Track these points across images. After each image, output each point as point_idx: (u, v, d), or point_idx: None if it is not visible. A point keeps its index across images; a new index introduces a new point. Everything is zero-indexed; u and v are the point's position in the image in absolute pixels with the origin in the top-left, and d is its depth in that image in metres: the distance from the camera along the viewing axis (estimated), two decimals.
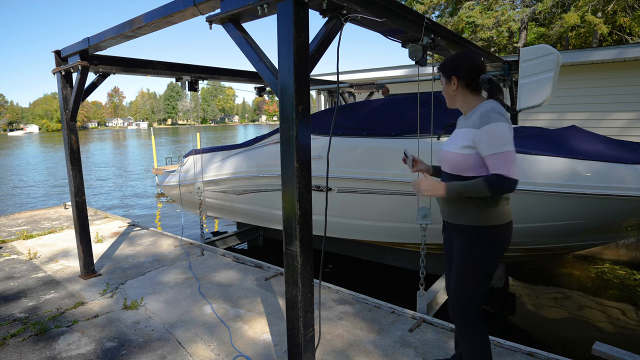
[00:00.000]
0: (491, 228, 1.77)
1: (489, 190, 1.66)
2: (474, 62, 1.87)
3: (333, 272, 5.24)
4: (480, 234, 1.78)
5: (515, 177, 1.65)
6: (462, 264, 1.84)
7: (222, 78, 4.83)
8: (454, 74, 1.88)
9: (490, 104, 1.80)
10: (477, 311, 1.85)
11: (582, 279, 4.94)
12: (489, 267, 1.81)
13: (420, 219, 3.05)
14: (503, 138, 1.68)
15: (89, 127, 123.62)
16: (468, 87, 1.87)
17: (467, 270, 1.82)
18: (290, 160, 1.94)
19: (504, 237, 1.80)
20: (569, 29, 13.98)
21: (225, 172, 5.13)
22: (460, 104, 1.92)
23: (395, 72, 8.54)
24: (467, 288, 1.84)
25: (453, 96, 1.92)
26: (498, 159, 1.66)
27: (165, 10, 2.45)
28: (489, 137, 1.70)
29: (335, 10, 2.05)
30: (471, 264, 1.81)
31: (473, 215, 1.78)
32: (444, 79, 1.94)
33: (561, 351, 3.03)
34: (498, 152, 1.67)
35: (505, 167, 1.65)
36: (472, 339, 1.88)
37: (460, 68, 1.86)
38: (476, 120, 1.78)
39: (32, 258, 4.45)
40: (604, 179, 2.93)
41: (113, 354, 2.57)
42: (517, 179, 1.65)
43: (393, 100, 4.31)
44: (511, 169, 1.65)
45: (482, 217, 1.77)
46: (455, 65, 1.88)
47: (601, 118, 6.72)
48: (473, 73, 1.85)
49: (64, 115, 3.65)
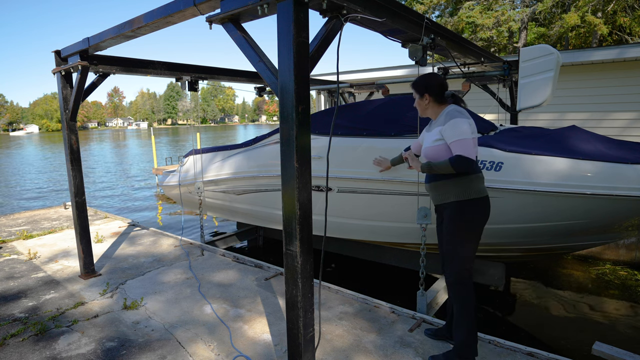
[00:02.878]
0: (469, 201, 2.25)
1: (451, 167, 2.18)
2: (441, 81, 2.38)
3: (333, 272, 5.24)
4: (461, 206, 2.25)
5: (472, 157, 2.17)
6: (452, 231, 2.29)
7: (222, 78, 4.83)
8: (426, 91, 2.37)
9: (452, 107, 2.35)
10: (470, 276, 2.31)
11: (582, 279, 4.94)
12: (471, 233, 2.28)
13: (420, 219, 3.05)
14: (462, 129, 2.19)
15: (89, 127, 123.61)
16: (437, 101, 2.38)
17: (457, 235, 2.28)
18: (290, 160, 1.94)
19: (482, 207, 2.28)
20: (569, 29, 13.98)
21: (225, 172, 5.12)
22: (430, 114, 2.44)
23: (395, 72, 8.54)
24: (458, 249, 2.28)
25: (425, 108, 2.43)
26: (458, 144, 2.18)
27: (165, 10, 2.45)
28: (451, 129, 2.21)
29: (335, 10, 2.05)
30: (458, 231, 2.27)
31: (452, 193, 2.28)
32: (417, 95, 2.41)
33: (561, 351, 3.03)
34: (458, 139, 2.18)
35: (463, 149, 2.16)
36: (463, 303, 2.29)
37: (431, 86, 2.36)
38: (442, 119, 2.30)
39: (32, 258, 4.45)
40: (604, 179, 2.93)
41: (113, 354, 2.57)
42: (472, 158, 2.16)
43: (393, 100, 4.31)
44: (467, 151, 2.16)
45: (460, 193, 2.26)
46: (426, 84, 2.37)
47: (601, 118, 6.73)
48: (440, 89, 2.37)
49: (64, 115, 3.65)
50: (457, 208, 2.26)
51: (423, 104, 2.41)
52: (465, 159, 2.15)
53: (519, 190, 3.16)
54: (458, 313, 2.31)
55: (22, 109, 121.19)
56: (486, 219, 2.31)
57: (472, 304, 2.30)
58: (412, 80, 2.44)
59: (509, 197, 3.21)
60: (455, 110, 2.29)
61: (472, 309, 2.29)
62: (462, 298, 2.30)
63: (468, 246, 2.28)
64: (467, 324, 2.28)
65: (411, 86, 2.43)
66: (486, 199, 2.30)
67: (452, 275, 2.32)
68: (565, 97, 6.89)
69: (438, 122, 2.34)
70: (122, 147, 36.17)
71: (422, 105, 2.43)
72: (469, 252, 2.29)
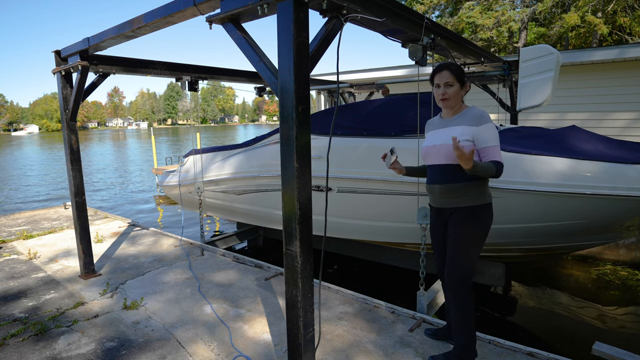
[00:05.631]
0: (484, 205, 2.23)
1: (495, 172, 2.11)
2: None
3: (333, 272, 5.24)
4: (476, 210, 2.22)
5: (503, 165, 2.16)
6: (464, 236, 2.23)
7: (222, 78, 4.82)
8: (466, 82, 2.29)
9: (478, 108, 2.26)
10: (471, 280, 2.28)
11: (582, 279, 4.94)
12: (483, 238, 2.26)
13: (420, 219, 3.05)
14: (497, 135, 2.17)
15: (89, 127, 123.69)
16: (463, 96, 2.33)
17: (469, 239, 2.23)
18: (290, 160, 1.94)
19: (492, 212, 2.28)
20: (569, 29, 13.98)
21: (225, 172, 5.12)
22: (451, 105, 2.28)
23: (395, 72, 8.54)
24: (469, 253, 2.24)
25: (456, 99, 2.27)
26: (496, 150, 2.15)
27: (165, 10, 2.44)
28: (488, 133, 2.15)
29: (335, 10, 2.04)
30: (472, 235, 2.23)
31: (470, 197, 2.22)
32: (458, 83, 2.24)
33: (561, 351, 3.03)
34: (496, 145, 2.15)
35: (500, 156, 2.15)
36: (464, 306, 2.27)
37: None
38: (472, 120, 2.19)
39: (32, 258, 4.45)
40: (604, 179, 2.93)
41: (113, 354, 2.57)
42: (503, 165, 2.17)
43: (393, 100, 4.31)
44: (501, 158, 2.17)
45: (477, 198, 2.22)
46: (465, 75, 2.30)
47: (601, 118, 6.72)
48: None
49: (64, 115, 3.65)
50: (470, 212, 2.21)
51: (461, 93, 2.26)
52: (502, 166, 2.13)
53: (519, 190, 3.16)
54: (458, 315, 2.29)
55: (22, 109, 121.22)
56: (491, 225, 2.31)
57: (471, 306, 2.29)
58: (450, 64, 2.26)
59: (509, 197, 3.21)
60: (486, 114, 2.21)
61: (471, 310, 2.29)
62: (463, 300, 2.28)
63: (477, 250, 2.27)
64: (467, 325, 2.28)
65: (452, 71, 2.22)
66: (491, 205, 2.30)
67: (457, 279, 2.27)
68: (565, 97, 6.89)
69: (461, 121, 2.22)
70: (122, 147, 36.16)
71: (457, 95, 2.24)
72: (476, 256, 2.27)
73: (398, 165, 2.49)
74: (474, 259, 2.26)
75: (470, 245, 2.24)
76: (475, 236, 2.24)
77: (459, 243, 2.24)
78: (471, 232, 2.22)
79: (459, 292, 2.27)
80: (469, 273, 2.25)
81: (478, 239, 2.25)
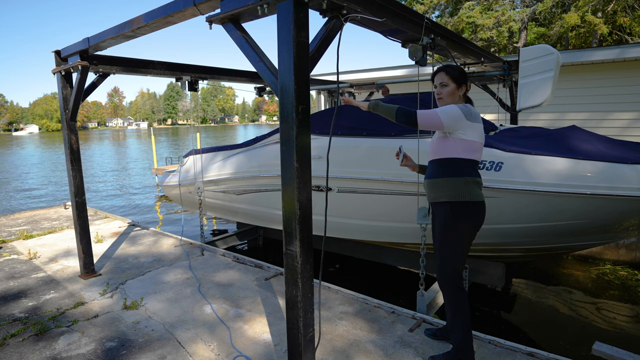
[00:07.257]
0: (461, 203, 2.19)
1: (395, 113, 2.17)
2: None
3: (333, 272, 5.24)
4: (452, 207, 2.20)
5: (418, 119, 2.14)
6: (440, 232, 2.27)
7: (222, 78, 4.83)
8: (464, 82, 2.32)
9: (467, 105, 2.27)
10: (460, 278, 2.28)
11: (582, 279, 4.94)
12: (458, 236, 2.23)
13: (420, 219, 3.05)
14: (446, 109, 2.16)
15: (89, 127, 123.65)
16: (463, 95, 2.35)
17: (444, 236, 2.25)
18: (290, 160, 1.94)
19: (473, 212, 2.21)
20: (569, 29, 13.97)
21: (225, 172, 5.12)
22: (447, 104, 2.31)
23: (395, 72, 8.54)
24: (445, 251, 2.26)
25: (452, 98, 2.32)
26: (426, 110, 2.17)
27: (165, 10, 2.44)
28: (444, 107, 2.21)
29: (335, 10, 2.04)
30: (446, 232, 2.24)
31: (445, 193, 2.22)
32: (454, 83, 2.30)
33: (561, 351, 3.03)
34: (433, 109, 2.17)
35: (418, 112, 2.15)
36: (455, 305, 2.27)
37: (467, 80, 2.34)
38: None
39: (32, 258, 4.45)
40: (604, 179, 2.93)
41: (113, 354, 2.57)
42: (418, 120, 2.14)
43: (393, 101, 4.31)
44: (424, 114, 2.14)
45: (453, 195, 2.20)
46: (465, 76, 2.33)
47: (601, 118, 6.72)
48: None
49: (64, 115, 3.65)
50: (447, 209, 2.22)
51: (457, 93, 2.30)
52: (413, 115, 2.14)
53: (519, 190, 3.16)
54: (452, 315, 2.29)
55: (22, 109, 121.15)
56: (477, 225, 2.25)
57: (464, 306, 2.26)
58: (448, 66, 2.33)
59: (509, 197, 3.21)
60: (465, 105, 2.22)
61: (464, 310, 2.26)
62: (454, 300, 2.27)
63: (455, 249, 2.24)
64: (462, 325, 2.25)
65: (447, 72, 2.30)
66: (480, 205, 2.23)
67: (442, 277, 2.30)
68: (565, 97, 6.89)
69: None
70: (122, 147, 36.16)
71: (452, 95, 2.30)
72: (457, 254, 2.25)
73: (410, 162, 2.59)
74: (456, 258, 2.24)
75: (451, 243, 2.23)
76: (449, 232, 2.22)
77: (440, 241, 2.28)
78: (444, 227, 2.23)
79: (446, 291, 2.29)
80: (452, 272, 2.25)
81: (459, 237, 2.22)
